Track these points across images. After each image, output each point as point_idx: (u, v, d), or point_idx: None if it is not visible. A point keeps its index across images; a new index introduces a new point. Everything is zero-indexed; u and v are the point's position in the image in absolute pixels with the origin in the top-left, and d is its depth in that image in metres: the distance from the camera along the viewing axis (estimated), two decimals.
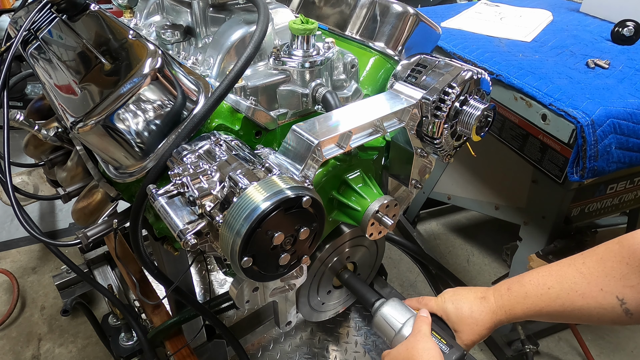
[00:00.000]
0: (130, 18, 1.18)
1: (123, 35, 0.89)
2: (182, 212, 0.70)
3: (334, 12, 1.11)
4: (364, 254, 1.11)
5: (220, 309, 1.36)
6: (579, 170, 1.30)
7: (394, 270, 2.28)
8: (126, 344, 1.53)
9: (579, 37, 1.77)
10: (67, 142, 1.07)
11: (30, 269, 2.25)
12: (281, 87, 0.90)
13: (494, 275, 2.20)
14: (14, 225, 2.48)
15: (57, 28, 1.07)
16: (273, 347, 1.56)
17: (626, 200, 1.71)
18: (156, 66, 0.75)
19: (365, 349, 1.57)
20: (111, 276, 1.86)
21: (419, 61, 0.94)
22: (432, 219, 2.61)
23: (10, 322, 1.99)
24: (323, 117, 0.81)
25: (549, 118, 1.36)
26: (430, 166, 0.99)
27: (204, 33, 1.00)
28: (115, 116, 0.74)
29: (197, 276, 1.89)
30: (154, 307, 1.43)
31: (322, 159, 0.74)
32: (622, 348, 1.92)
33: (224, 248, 0.65)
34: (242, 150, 0.77)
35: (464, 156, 1.73)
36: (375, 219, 0.87)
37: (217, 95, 0.76)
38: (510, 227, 1.89)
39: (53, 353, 1.87)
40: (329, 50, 0.92)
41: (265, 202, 0.61)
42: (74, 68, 0.92)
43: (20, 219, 0.99)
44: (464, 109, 0.88)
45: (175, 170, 0.72)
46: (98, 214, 1.05)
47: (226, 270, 1.04)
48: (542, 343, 1.90)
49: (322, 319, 1.16)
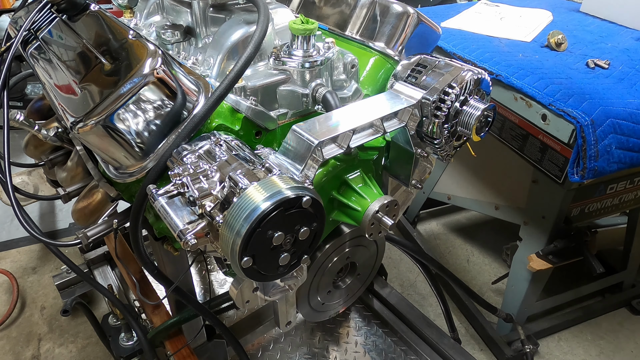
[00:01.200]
0: (130, 18, 1.18)
1: (123, 35, 0.89)
2: (182, 212, 0.70)
3: (334, 12, 1.11)
4: (363, 254, 1.11)
5: (220, 309, 1.36)
6: (580, 171, 1.30)
7: (394, 270, 2.28)
8: (126, 344, 1.53)
9: (578, 37, 1.77)
10: (67, 142, 1.07)
11: (30, 269, 2.25)
12: (281, 87, 0.89)
13: (494, 275, 2.20)
14: (14, 225, 2.48)
15: (57, 28, 1.07)
16: (273, 347, 1.56)
17: (626, 200, 1.71)
18: (156, 66, 0.75)
19: (365, 349, 1.57)
20: (111, 276, 1.86)
21: (419, 61, 0.94)
22: (432, 219, 2.61)
23: (10, 322, 1.99)
24: (323, 117, 0.81)
25: (549, 118, 1.36)
26: (430, 166, 0.99)
27: (204, 33, 1.00)
28: (115, 116, 0.74)
29: (197, 276, 1.89)
30: (154, 307, 1.43)
31: (322, 159, 0.74)
32: (622, 348, 1.92)
33: (224, 248, 0.65)
34: (242, 151, 0.77)
35: (464, 156, 1.73)
36: (375, 219, 0.87)
37: (217, 96, 0.76)
38: (510, 227, 1.89)
39: (53, 353, 1.87)
40: (329, 50, 0.92)
41: (265, 202, 0.61)
42: (74, 68, 0.92)
43: (20, 219, 0.99)
44: (464, 109, 0.88)
45: (175, 170, 0.72)
46: (98, 214, 1.05)
47: (226, 270, 1.04)
48: (542, 343, 1.90)
49: (322, 319, 1.16)
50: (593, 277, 1.94)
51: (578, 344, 1.93)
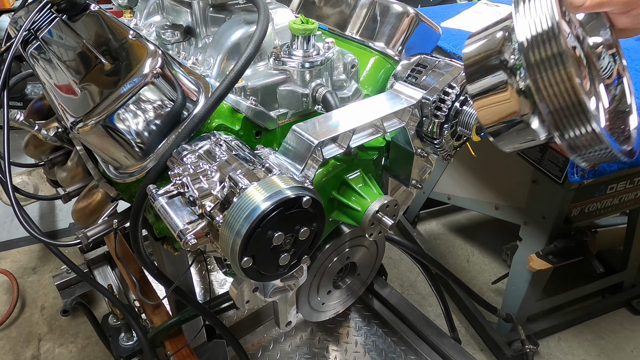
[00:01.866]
0: (130, 18, 1.18)
1: (123, 35, 0.89)
2: (182, 212, 0.70)
3: (334, 12, 1.11)
4: (364, 254, 1.11)
5: (220, 309, 1.36)
6: (580, 171, 1.30)
7: (394, 270, 2.28)
8: (126, 344, 1.53)
9: None
10: (67, 142, 1.07)
11: (30, 269, 2.25)
12: (281, 87, 0.89)
13: (494, 275, 2.21)
14: (14, 225, 2.48)
15: (57, 28, 1.07)
16: (273, 347, 1.57)
17: (626, 200, 1.71)
18: (156, 66, 0.75)
19: (365, 349, 1.57)
20: (111, 276, 1.86)
21: (419, 61, 0.94)
22: (432, 219, 2.61)
23: (10, 322, 1.99)
24: (323, 117, 0.81)
25: None
26: (431, 166, 0.99)
27: (204, 33, 1.00)
28: (115, 116, 0.74)
29: (197, 276, 1.89)
30: (154, 307, 1.43)
31: (322, 159, 0.74)
32: (622, 348, 1.92)
33: (224, 248, 0.65)
34: (242, 151, 0.77)
35: (464, 156, 1.73)
36: (375, 219, 0.87)
37: (217, 96, 0.76)
38: (510, 227, 1.89)
39: (53, 353, 1.87)
40: (329, 50, 0.92)
41: (265, 202, 0.61)
42: (74, 68, 0.92)
43: (20, 219, 0.99)
44: (464, 109, 0.88)
45: (175, 170, 0.72)
46: (98, 214, 1.05)
47: (226, 270, 1.04)
48: (542, 343, 1.90)
49: (322, 319, 1.16)
50: (593, 277, 1.94)
51: (578, 344, 1.93)
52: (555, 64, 0.48)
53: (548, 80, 0.49)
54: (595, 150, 0.52)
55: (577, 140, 0.52)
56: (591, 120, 0.49)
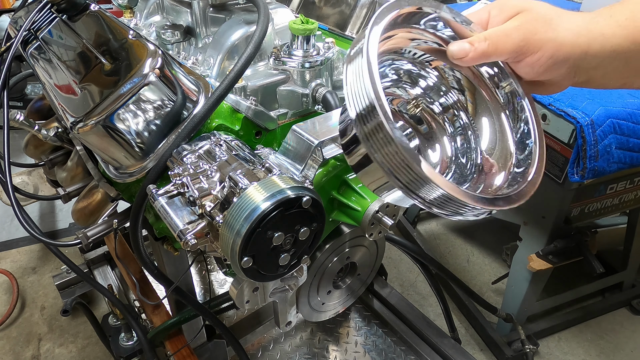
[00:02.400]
0: (130, 18, 1.18)
1: (123, 35, 0.89)
2: (182, 212, 0.70)
3: (334, 12, 1.12)
4: (364, 254, 1.11)
5: (220, 309, 1.36)
6: (580, 171, 1.30)
7: (394, 270, 2.28)
8: (126, 344, 1.53)
9: None
10: (67, 142, 1.07)
11: (30, 269, 2.25)
12: (281, 87, 0.90)
13: (494, 275, 2.20)
14: (14, 225, 2.48)
15: (57, 28, 1.07)
16: (273, 347, 1.57)
17: (626, 200, 1.71)
18: (156, 66, 0.75)
19: (365, 349, 1.57)
20: (111, 276, 1.86)
21: None
22: (432, 219, 2.61)
23: (10, 322, 1.99)
24: (323, 117, 0.80)
25: (548, 118, 1.36)
26: None
27: (204, 33, 1.00)
28: (115, 116, 0.74)
29: (197, 276, 1.89)
30: (154, 307, 1.43)
31: (322, 159, 0.74)
32: (622, 348, 1.92)
33: (224, 248, 0.65)
34: (242, 150, 0.77)
35: None
36: (375, 219, 0.87)
37: (217, 96, 0.76)
38: (510, 227, 1.89)
39: (53, 353, 1.87)
40: (329, 50, 0.92)
41: (265, 202, 0.61)
42: (74, 68, 0.92)
43: (20, 219, 0.99)
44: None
45: (175, 170, 0.72)
46: (98, 214, 1.05)
47: (226, 270, 1.03)
48: (542, 343, 1.90)
49: (322, 319, 1.16)
50: (593, 277, 1.94)
51: (578, 344, 1.93)
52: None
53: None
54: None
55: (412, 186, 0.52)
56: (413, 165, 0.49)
